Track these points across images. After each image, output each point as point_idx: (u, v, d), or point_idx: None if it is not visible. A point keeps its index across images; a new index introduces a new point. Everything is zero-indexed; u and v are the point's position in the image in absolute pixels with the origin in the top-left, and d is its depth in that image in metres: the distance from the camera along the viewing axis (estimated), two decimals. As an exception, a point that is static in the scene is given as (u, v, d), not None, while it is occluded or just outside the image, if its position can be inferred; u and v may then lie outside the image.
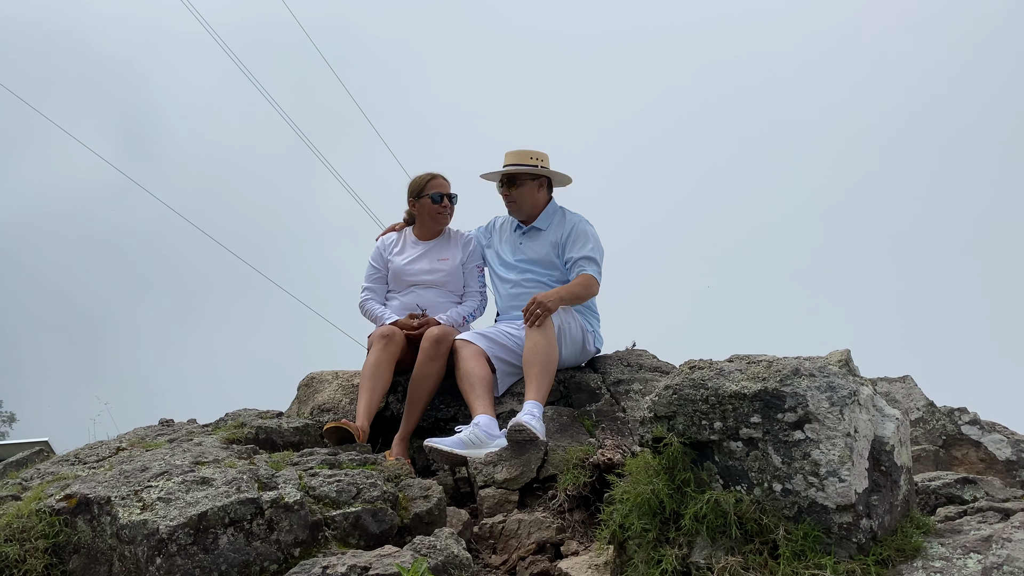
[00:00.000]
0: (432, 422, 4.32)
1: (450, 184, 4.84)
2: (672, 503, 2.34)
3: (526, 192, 4.67)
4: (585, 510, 3.19)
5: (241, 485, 2.64)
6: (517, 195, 4.66)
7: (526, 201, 4.68)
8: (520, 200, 4.67)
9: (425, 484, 3.02)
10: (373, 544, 2.62)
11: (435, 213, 4.80)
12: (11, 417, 36.79)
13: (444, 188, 4.81)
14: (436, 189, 4.77)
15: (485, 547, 3.13)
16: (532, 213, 4.72)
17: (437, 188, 4.78)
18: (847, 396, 2.22)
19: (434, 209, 4.78)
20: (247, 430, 3.71)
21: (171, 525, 2.42)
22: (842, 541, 2.12)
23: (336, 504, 2.71)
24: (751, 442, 2.27)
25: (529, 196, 4.67)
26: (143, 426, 4.25)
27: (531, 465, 3.50)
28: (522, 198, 4.67)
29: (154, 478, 2.76)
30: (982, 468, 3.57)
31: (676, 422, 2.39)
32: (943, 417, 3.81)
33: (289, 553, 2.50)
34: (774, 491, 2.21)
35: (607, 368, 4.58)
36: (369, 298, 4.77)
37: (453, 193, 4.84)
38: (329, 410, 4.56)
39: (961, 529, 2.27)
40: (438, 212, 4.79)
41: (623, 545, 2.50)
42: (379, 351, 4.21)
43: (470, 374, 4.08)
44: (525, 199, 4.68)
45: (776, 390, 2.26)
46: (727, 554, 2.17)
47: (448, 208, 4.82)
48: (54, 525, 2.65)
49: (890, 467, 2.25)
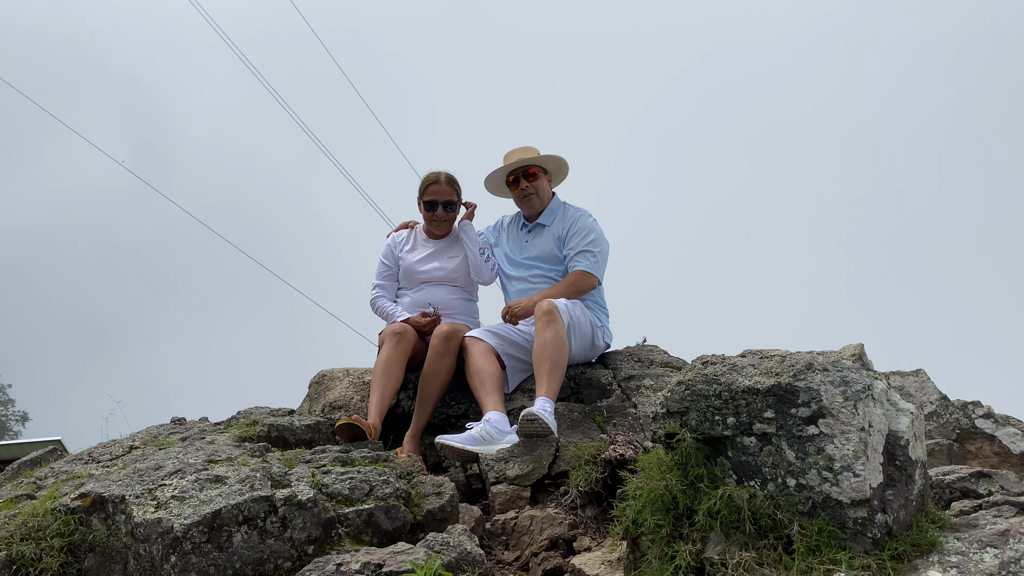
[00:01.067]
0: (443, 419, 4.33)
1: (457, 182, 4.76)
2: (685, 499, 2.33)
3: (542, 184, 4.77)
4: (597, 506, 3.19)
5: (254, 483, 2.65)
6: (537, 186, 4.72)
7: (545, 192, 4.79)
8: (540, 192, 4.75)
9: (437, 481, 3.02)
10: (386, 541, 2.63)
11: (430, 220, 4.80)
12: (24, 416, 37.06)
13: (439, 195, 4.70)
14: (431, 196, 4.72)
15: (498, 543, 3.13)
16: (543, 208, 4.77)
17: (432, 195, 4.72)
18: (861, 390, 2.21)
19: (428, 216, 4.79)
20: (259, 428, 3.72)
21: (185, 523, 2.43)
22: (857, 536, 2.11)
23: (349, 501, 2.72)
24: (764, 437, 2.26)
25: (545, 188, 4.78)
26: (155, 425, 4.27)
27: (543, 461, 3.50)
28: (541, 189, 4.76)
29: (168, 476, 2.77)
30: (997, 462, 3.55)
31: (689, 417, 2.38)
32: (957, 411, 3.79)
33: (303, 551, 2.50)
34: (788, 486, 2.20)
35: (618, 364, 4.58)
36: (380, 295, 4.77)
37: (449, 200, 4.72)
38: (340, 407, 4.57)
39: (977, 523, 2.25)
40: (432, 220, 4.78)
41: (636, 541, 2.49)
42: (390, 348, 4.22)
43: (480, 371, 4.09)
44: (543, 191, 4.77)
45: (789, 385, 2.25)
46: (741, 550, 2.17)
47: (442, 216, 4.75)
48: (69, 524, 2.66)
49: (905, 461, 2.24)
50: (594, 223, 4.69)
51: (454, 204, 4.75)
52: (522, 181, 4.74)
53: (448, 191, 4.72)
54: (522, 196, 4.77)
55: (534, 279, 4.67)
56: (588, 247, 4.56)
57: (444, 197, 4.72)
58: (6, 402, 38.39)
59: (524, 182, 4.73)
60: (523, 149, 4.81)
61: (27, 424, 36.93)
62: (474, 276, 4.77)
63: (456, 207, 4.77)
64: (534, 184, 4.73)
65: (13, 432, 35.32)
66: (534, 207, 4.77)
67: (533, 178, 4.73)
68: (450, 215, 4.77)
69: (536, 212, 4.78)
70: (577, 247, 4.57)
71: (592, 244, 4.58)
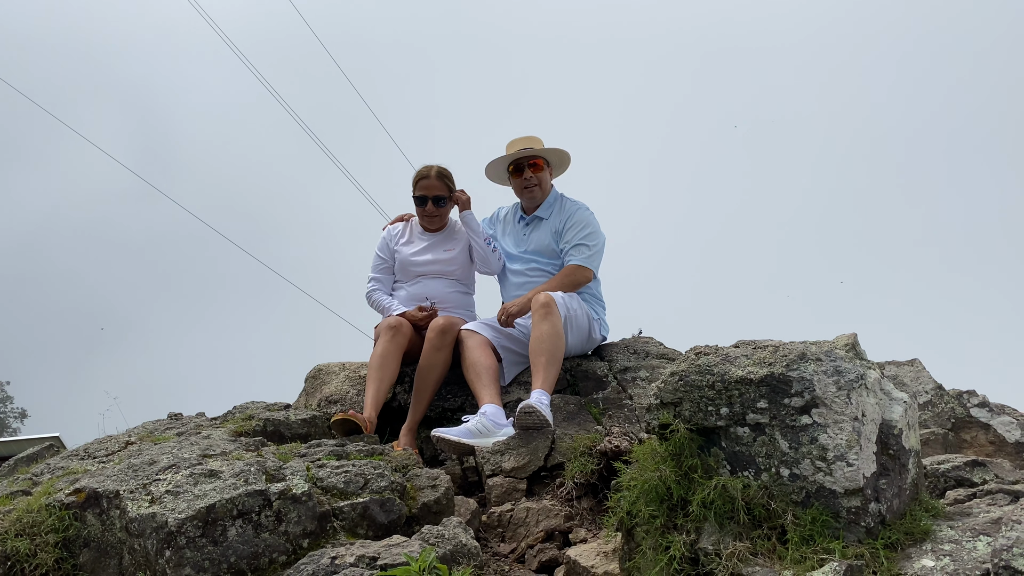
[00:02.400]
0: (439, 412, 4.33)
1: (449, 176, 4.73)
2: (679, 489, 2.33)
3: (545, 176, 4.75)
4: (593, 498, 3.19)
5: (249, 477, 2.65)
6: (540, 178, 4.71)
7: (547, 183, 4.78)
8: (543, 183, 4.74)
9: (433, 474, 3.02)
10: (381, 534, 2.63)
11: (421, 215, 4.79)
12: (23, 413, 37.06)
13: (429, 190, 4.69)
14: (421, 191, 4.71)
15: (494, 536, 3.13)
16: (543, 200, 4.76)
17: (422, 190, 4.71)
18: (854, 380, 2.21)
19: (420, 211, 4.78)
20: (255, 422, 3.72)
21: (180, 518, 2.43)
22: (851, 525, 2.11)
23: (344, 495, 2.72)
24: (758, 427, 2.26)
25: (547, 180, 4.77)
26: (152, 420, 4.26)
27: (539, 453, 3.50)
28: (544, 181, 4.75)
29: (162, 471, 2.77)
30: (991, 451, 3.55)
31: (682, 408, 2.38)
32: (952, 400, 3.80)
33: (298, 544, 2.50)
34: (782, 476, 2.20)
35: (613, 356, 4.58)
36: (376, 288, 4.76)
37: (439, 195, 4.70)
38: (336, 401, 4.56)
39: (970, 512, 2.26)
40: (424, 215, 4.78)
41: (631, 532, 2.50)
42: (386, 342, 4.21)
43: (476, 364, 4.09)
44: (545, 183, 4.77)
45: (783, 375, 2.25)
46: (735, 540, 2.17)
47: (432, 211, 4.74)
48: (64, 519, 2.66)
49: (898, 451, 2.24)
50: (591, 216, 4.67)
51: (444, 199, 4.73)
52: (526, 171, 4.69)
53: (438, 186, 4.70)
54: (523, 187, 4.74)
55: (532, 272, 4.66)
56: (584, 240, 4.56)
57: (434, 192, 4.70)
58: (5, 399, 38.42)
59: (528, 171, 4.69)
60: (527, 139, 4.78)
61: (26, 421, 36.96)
62: (481, 266, 4.77)
63: (447, 202, 4.74)
64: (538, 175, 4.70)
65: (12, 429, 35.35)
66: (535, 199, 4.75)
67: (536, 169, 4.69)
68: (440, 210, 4.75)
69: (536, 204, 4.76)
70: (573, 240, 4.56)
71: (588, 238, 4.57)
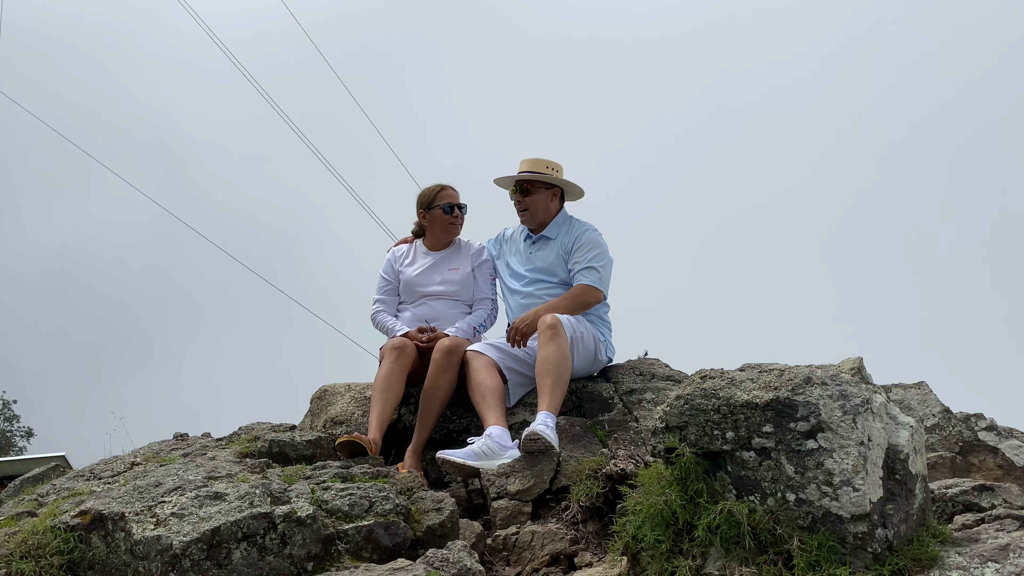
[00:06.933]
0: (444, 434, 4.32)
1: (459, 194, 4.88)
2: (685, 514, 2.32)
3: (539, 200, 4.69)
4: (598, 521, 3.17)
5: (254, 500, 2.65)
6: (530, 202, 4.68)
7: (539, 209, 4.71)
8: (533, 208, 4.69)
9: (437, 496, 3.01)
10: (386, 558, 2.62)
11: (447, 224, 4.83)
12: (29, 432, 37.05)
13: (454, 198, 4.85)
14: (447, 200, 4.81)
15: (498, 559, 3.12)
16: (543, 221, 4.74)
17: (447, 199, 4.82)
18: (860, 404, 2.21)
19: (446, 220, 4.81)
20: (260, 444, 3.72)
21: (184, 540, 2.43)
22: (857, 551, 2.10)
23: (349, 518, 2.71)
24: (764, 452, 2.25)
25: (542, 204, 4.70)
26: (158, 440, 4.27)
27: (544, 476, 3.49)
28: (535, 205, 4.69)
29: (167, 493, 2.77)
30: (1000, 475, 3.53)
31: (688, 432, 2.38)
32: (959, 423, 3.78)
33: (302, 567, 2.50)
34: (788, 501, 2.19)
35: (619, 377, 4.57)
36: (381, 310, 4.78)
37: (463, 203, 4.88)
38: (342, 423, 4.56)
39: (978, 537, 2.24)
40: (450, 223, 4.82)
41: (636, 556, 2.49)
42: (391, 363, 4.22)
43: (482, 385, 4.08)
44: (538, 207, 4.70)
45: (788, 399, 2.25)
46: (741, 565, 2.16)
47: (460, 218, 4.86)
48: (69, 541, 2.66)
49: (905, 475, 2.23)
50: (599, 237, 4.67)
51: (466, 207, 4.90)
52: (517, 193, 4.73)
53: (458, 195, 4.88)
54: (519, 209, 4.76)
55: (537, 292, 4.66)
56: (592, 262, 4.55)
57: (459, 199, 4.87)
58: (11, 418, 38.43)
59: (519, 195, 4.71)
60: (535, 161, 4.76)
61: (32, 440, 36.93)
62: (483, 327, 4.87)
63: (466, 211, 4.90)
64: (528, 200, 4.69)
65: (18, 448, 35.33)
66: (527, 221, 4.77)
67: (529, 194, 4.68)
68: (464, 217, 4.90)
69: (533, 225, 4.77)
70: (582, 262, 4.55)
71: (596, 259, 4.57)
